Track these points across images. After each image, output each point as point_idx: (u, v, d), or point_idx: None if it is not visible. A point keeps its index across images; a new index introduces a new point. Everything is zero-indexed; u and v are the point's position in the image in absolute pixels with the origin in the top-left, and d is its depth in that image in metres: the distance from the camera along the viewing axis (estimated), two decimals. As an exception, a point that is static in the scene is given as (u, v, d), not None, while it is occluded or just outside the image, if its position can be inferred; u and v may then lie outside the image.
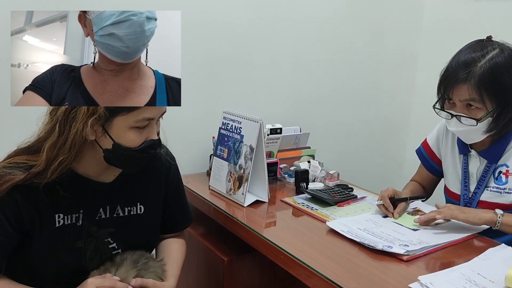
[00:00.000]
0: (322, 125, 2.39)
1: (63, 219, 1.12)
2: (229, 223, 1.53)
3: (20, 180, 1.04)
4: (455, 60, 1.41)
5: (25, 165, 1.07)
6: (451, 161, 1.59)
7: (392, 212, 1.48)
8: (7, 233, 1.07)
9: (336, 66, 2.39)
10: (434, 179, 1.72)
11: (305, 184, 1.73)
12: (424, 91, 2.64)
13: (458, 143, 1.55)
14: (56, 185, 1.08)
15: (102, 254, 1.18)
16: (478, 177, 1.50)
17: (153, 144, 1.12)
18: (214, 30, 1.97)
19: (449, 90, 1.41)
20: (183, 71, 1.88)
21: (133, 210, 1.23)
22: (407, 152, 2.75)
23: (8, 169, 1.06)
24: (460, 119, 1.40)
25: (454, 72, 1.38)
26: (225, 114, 1.72)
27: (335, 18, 2.33)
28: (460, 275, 1.13)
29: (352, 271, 1.16)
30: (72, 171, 1.13)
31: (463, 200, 1.53)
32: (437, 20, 2.57)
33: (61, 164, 1.05)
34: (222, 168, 1.70)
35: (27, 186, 1.06)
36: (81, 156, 1.11)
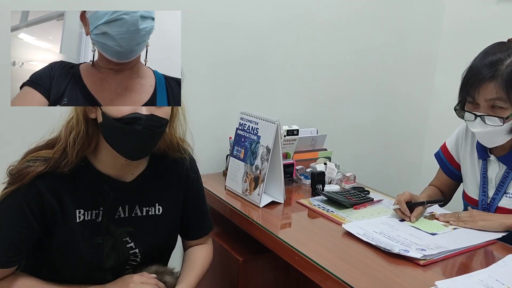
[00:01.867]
0: (339, 127, 2.38)
1: (83, 215, 1.14)
2: (245, 223, 1.53)
3: (42, 169, 1.06)
4: (479, 60, 1.39)
5: (47, 158, 1.09)
6: (470, 166, 1.57)
7: (409, 216, 1.46)
8: (31, 226, 1.08)
9: (354, 67, 2.38)
10: (453, 184, 1.69)
11: (321, 186, 1.73)
12: (443, 94, 2.61)
13: (478, 147, 1.52)
14: (78, 179, 1.10)
15: (119, 252, 1.19)
16: (497, 183, 1.48)
17: (139, 118, 1.05)
18: (232, 30, 1.98)
19: (473, 90, 1.38)
20: (199, 70, 1.90)
21: (151, 210, 1.24)
22: (424, 155, 2.72)
23: (31, 162, 1.08)
24: (484, 120, 1.38)
25: (479, 71, 1.36)
26: (242, 115, 1.73)
27: (354, 19, 2.32)
28: (478, 281, 1.11)
29: (367, 274, 1.15)
30: (93, 168, 1.15)
31: (481, 206, 1.51)
32: (458, 22, 2.54)
33: (75, 142, 1.08)
34: (239, 169, 1.71)
35: (50, 176, 1.08)
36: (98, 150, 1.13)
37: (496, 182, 1.48)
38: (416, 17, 2.52)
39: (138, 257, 1.23)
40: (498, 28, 2.25)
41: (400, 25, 2.48)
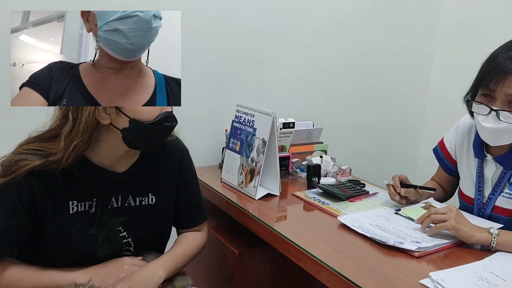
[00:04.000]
0: (336, 122, 2.39)
1: (76, 206, 1.14)
2: (241, 215, 1.54)
3: (37, 165, 1.06)
4: (502, 52, 1.32)
5: (41, 152, 1.08)
6: (466, 164, 1.54)
7: (399, 193, 1.48)
8: (21, 218, 1.08)
9: (350, 63, 2.38)
10: (452, 180, 1.66)
11: (316, 178, 1.73)
12: (439, 90, 2.62)
13: (474, 146, 1.49)
14: (71, 172, 1.10)
15: (112, 242, 1.20)
16: (493, 182, 1.44)
17: (169, 116, 1.13)
18: (229, 25, 1.98)
19: (493, 83, 1.29)
20: (196, 64, 1.89)
21: (145, 200, 1.24)
22: (420, 151, 2.73)
23: (24, 155, 1.07)
24: (499, 115, 1.30)
25: (503, 64, 1.29)
26: (238, 107, 1.73)
27: (351, 15, 2.32)
28: (472, 272, 1.12)
29: (363, 266, 1.16)
30: (87, 160, 1.14)
31: (476, 205, 1.49)
32: (454, 18, 2.54)
33: (75, 148, 1.06)
34: (234, 161, 1.71)
35: (43, 172, 1.07)
36: (96, 143, 1.12)
37: (493, 182, 1.44)
38: (412, 12, 2.52)
39: (131, 246, 1.23)
40: (496, 23, 2.25)
41: (397, 21, 2.48)
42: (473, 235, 1.26)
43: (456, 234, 1.27)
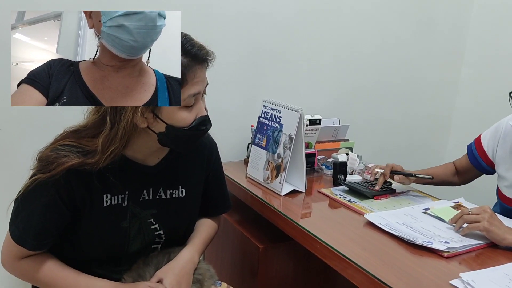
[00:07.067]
0: (363, 119, 2.36)
1: (110, 199, 1.15)
2: (266, 211, 1.54)
3: (74, 164, 1.06)
4: None
5: (77, 149, 1.09)
6: (510, 167, 1.50)
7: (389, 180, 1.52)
8: (60, 212, 1.10)
9: (379, 59, 2.35)
10: (475, 172, 1.65)
11: (343, 176, 1.72)
12: (469, 88, 2.56)
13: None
14: (107, 167, 1.10)
15: (145, 234, 1.21)
16: None
17: (204, 120, 1.14)
18: (257, 20, 1.97)
19: None
20: (224, 60, 1.89)
21: (175, 193, 1.25)
22: (448, 149, 2.68)
23: (61, 151, 1.08)
24: None
25: None
26: (265, 103, 1.72)
27: (380, 10, 2.29)
28: (504, 274, 1.09)
29: (390, 264, 1.14)
30: (121, 154, 1.15)
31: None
32: (486, 15, 2.48)
33: (113, 152, 1.07)
34: (260, 157, 1.71)
35: (80, 170, 1.08)
36: (131, 140, 1.12)
37: None
38: (443, 8, 2.46)
39: (162, 238, 1.24)
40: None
41: (427, 17, 2.43)
42: (505, 238, 1.23)
43: (488, 235, 1.24)
